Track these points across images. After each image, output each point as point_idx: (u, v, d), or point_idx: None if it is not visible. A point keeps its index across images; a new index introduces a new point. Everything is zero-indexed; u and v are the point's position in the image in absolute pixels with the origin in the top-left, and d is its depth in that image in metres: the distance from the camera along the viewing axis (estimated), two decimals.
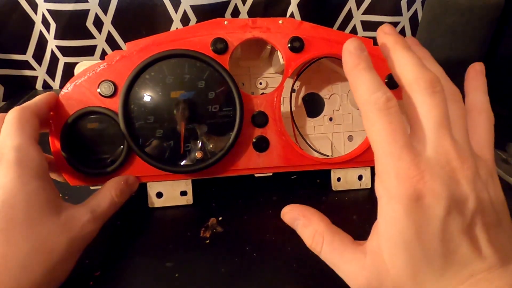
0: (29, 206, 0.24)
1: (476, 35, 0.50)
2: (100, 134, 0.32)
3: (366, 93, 0.22)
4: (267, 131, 0.34)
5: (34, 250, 0.24)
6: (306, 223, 0.26)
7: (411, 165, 0.21)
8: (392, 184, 0.21)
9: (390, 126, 0.21)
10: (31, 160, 0.26)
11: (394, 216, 0.21)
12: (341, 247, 0.24)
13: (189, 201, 0.35)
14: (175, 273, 0.28)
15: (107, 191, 0.30)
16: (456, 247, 0.21)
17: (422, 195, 0.21)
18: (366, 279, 0.23)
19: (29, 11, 0.55)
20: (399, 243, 0.21)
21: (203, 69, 0.32)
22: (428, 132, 0.22)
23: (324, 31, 0.35)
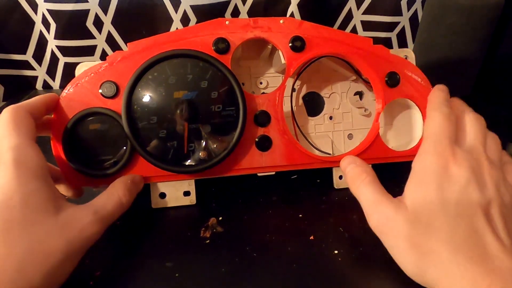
0: (27, 206, 0.24)
1: (476, 35, 0.50)
2: (103, 135, 0.32)
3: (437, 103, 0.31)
4: (269, 130, 0.34)
5: (31, 252, 0.23)
6: (361, 164, 0.31)
7: (447, 147, 0.27)
8: (428, 157, 0.27)
9: (444, 123, 0.28)
10: (29, 160, 0.25)
11: (422, 179, 0.26)
12: (377, 186, 0.28)
13: (192, 201, 0.35)
14: (175, 273, 0.28)
15: (114, 191, 0.30)
16: (471, 215, 0.24)
17: (450, 167, 0.26)
18: (385, 206, 0.27)
19: (29, 11, 0.55)
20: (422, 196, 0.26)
21: (206, 69, 0.32)
22: (468, 137, 0.29)
23: (324, 31, 0.35)
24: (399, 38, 0.63)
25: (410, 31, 0.62)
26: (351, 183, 0.30)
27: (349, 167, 0.31)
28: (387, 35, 0.63)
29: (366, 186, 0.28)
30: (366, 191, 0.28)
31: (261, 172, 0.35)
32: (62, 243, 0.24)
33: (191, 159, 0.33)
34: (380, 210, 0.27)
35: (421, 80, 0.36)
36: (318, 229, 0.32)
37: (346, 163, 0.32)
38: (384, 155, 0.36)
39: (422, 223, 0.25)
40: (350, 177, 0.31)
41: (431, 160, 0.27)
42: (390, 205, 0.26)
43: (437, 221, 0.24)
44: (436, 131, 0.28)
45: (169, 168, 0.32)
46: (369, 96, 0.40)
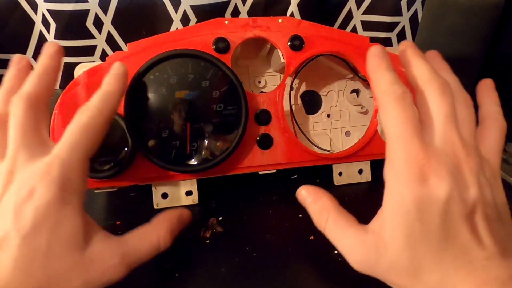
0: (55, 237, 0.22)
1: (476, 35, 0.50)
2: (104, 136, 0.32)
3: (385, 85, 0.24)
4: (270, 129, 0.34)
5: (48, 285, 0.22)
6: (315, 199, 0.27)
7: (419, 149, 0.22)
8: (400, 166, 0.23)
9: (403, 114, 0.23)
10: (74, 183, 0.23)
11: (399, 197, 0.22)
12: (345, 224, 0.25)
13: (194, 201, 0.35)
14: (175, 273, 0.28)
15: (154, 231, 0.26)
16: (456, 232, 0.22)
17: (427, 177, 0.22)
18: (364, 254, 0.24)
19: (29, 11, 0.55)
20: (401, 222, 0.22)
21: (207, 68, 0.32)
22: (436, 125, 0.24)
23: (323, 30, 0.35)
24: (399, 38, 0.63)
25: (410, 31, 0.62)
26: (316, 224, 0.27)
27: (306, 203, 0.28)
28: (387, 35, 0.63)
29: (332, 228, 0.25)
30: (335, 235, 0.25)
31: (262, 170, 0.35)
32: (80, 283, 0.22)
33: (194, 158, 0.33)
34: (361, 260, 0.24)
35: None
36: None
37: (303, 197, 0.28)
38: (382, 151, 0.36)
39: (407, 258, 0.22)
40: (312, 217, 0.27)
41: (405, 177, 0.22)
42: (368, 252, 0.23)
43: (422, 251, 0.22)
44: (397, 129, 0.23)
45: (172, 168, 0.32)
46: (366, 93, 0.41)
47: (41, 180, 0.22)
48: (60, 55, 0.28)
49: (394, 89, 0.24)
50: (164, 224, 0.27)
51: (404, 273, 0.23)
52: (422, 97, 0.25)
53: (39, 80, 0.26)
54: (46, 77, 0.26)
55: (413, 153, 0.22)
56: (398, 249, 0.22)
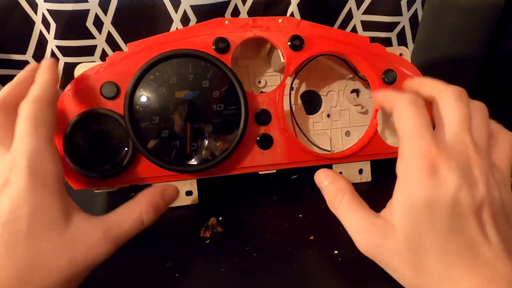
0: (35, 219, 0.23)
1: (476, 35, 0.50)
2: (104, 136, 0.32)
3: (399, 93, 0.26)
4: (270, 129, 0.34)
5: (35, 267, 0.22)
6: (333, 180, 0.28)
7: (431, 144, 0.23)
8: (412, 160, 0.24)
9: (416, 113, 0.25)
10: (44, 169, 0.24)
11: (410, 188, 0.23)
12: (357, 205, 0.26)
13: (194, 201, 0.35)
14: (175, 273, 0.28)
15: (136, 206, 0.26)
16: (463, 225, 0.22)
17: (438, 169, 0.23)
18: (373, 233, 0.24)
19: (29, 11, 0.55)
20: (410, 211, 0.23)
21: (207, 68, 0.32)
22: (450, 126, 0.25)
23: (322, 29, 0.35)
24: (399, 38, 0.63)
25: (410, 31, 0.62)
26: (329, 204, 0.28)
27: (323, 184, 0.28)
28: (387, 35, 0.63)
29: (345, 208, 0.26)
30: (346, 214, 0.26)
31: (262, 170, 0.35)
32: (66, 261, 0.23)
33: (194, 158, 0.33)
34: (367, 239, 0.25)
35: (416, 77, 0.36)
36: (318, 229, 0.32)
37: (320, 179, 0.29)
38: (382, 151, 0.36)
39: (413, 245, 0.23)
40: (326, 197, 0.28)
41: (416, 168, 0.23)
42: (377, 232, 0.24)
43: (429, 240, 0.23)
44: (411, 128, 0.24)
45: (172, 168, 0.32)
46: (366, 93, 0.41)
47: (11, 170, 0.23)
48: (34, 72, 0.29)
49: (407, 95, 0.26)
50: (146, 198, 0.27)
51: (408, 260, 0.23)
52: (440, 103, 0.26)
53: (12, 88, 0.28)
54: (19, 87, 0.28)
55: (425, 147, 0.23)
56: (406, 234, 0.23)
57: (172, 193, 0.29)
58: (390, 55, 0.36)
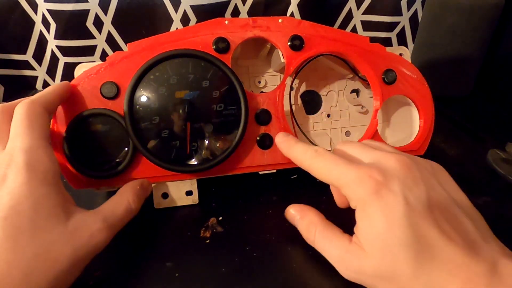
0: (36, 213, 0.23)
1: (476, 35, 0.50)
2: (104, 136, 0.32)
3: (301, 155, 0.29)
4: (270, 129, 0.34)
5: (39, 258, 0.23)
6: (303, 216, 0.29)
7: (357, 170, 0.25)
8: (353, 191, 0.25)
9: (326, 160, 0.27)
10: (41, 164, 0.25)
11: (365, 214, 0.25)
12: (331, 235, 0.27)
13: (194, 201, 0.35)
14: (175, 273, 0.28)
15: (123, 197, 0.29)
16: (425, 231, 0.23)
17: (377, 188, 0.24)
18: (350, 261, 0.25)
19: (29, 11, 0.55)
20: (374, 235, 0.24)
21: (207, 68, 0.32)
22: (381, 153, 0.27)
23: (322, 29, 0.35)
24: (399, 38, 0.63)
25: (410, 31, 0.62)
26: (306, 239, 0.29)
27: (295, 221, 0.30)
28: (387, 35, 0.63)
29: (320, 240, 0.27)
30: (323, 246, 0.27)
31: (262, 170, 0.35)
32: (69, 251, 0.24)
33: (194, 158, 0.33)
34: (347, 266, 0.25)
35: (416, 77, 0.36)
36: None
37: (291, 216, 0.30)
38: None
39: (387, 265, 0.23)
40: (302, 233, 0.29)
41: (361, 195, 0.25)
42: (352, 259, 0.25)
43: (401, 258, 0.23)
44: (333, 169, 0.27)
45: (172, 167, 0.32)
46: (366, 93, 0.41)
47: (8, 167, 0.24)
48: None
49: (309, 153, 0.29)
50: (130, 190, 0.30)
51: (389, 280, 0.23)
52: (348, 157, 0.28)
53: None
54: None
55: (354, 176, 0.25)
56: (378, 258, 0.24)
57: (146, 185, 0.32)
58: (390, 55, 0.36)
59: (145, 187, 0.32)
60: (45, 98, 0.28)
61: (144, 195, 0.31)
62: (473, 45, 0.51)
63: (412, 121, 0.38)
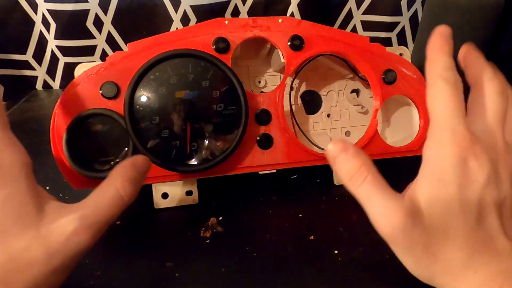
0: (4, 214, 0.21)
1: (476, 35, 0.50)
2: (104, 136, 0.32)
3: (441, 69, 0.24)
4: (270, 129, 0.34)
5: (13, 263, 0.21)
6: (355, 154, 0.24)
7: (466, 133, 0.23)
8: (447, 142, 0.23)
9: (456, 97, 0.23)
10: (6, 159, 0.22)
11: (441, 173, 0.23)
12: (384, 185, 0.24)
13: (195, 201, 0.35)
14: (175, 273, 0.28)
15: (109, 184, 0.24)
16: (487, 216, 0.23)
17: (469, 159, 0.22)
18: (401, 216, 0.22)
19: (29, 11, 0.55)
20: (440, 198, 0.23)
21: (207, 68, 0.32)
22: (485, 119, 0.24)
23: (322, 29, 0.35)
24: (399, 38, 0.63)
25: (410, 31, 0.62)
26: (348, 181, 0.24)
27: (339, 158, 0.24)
28: (387, 35, 0.63)
29: (370, 187, 0.23)
30: (371, 194, 0.23)
31: (262, 170, 0.35)
32: (43, 256, 0.21)
33: (194, 158, 0.33)
34: (394, 221, 0.22)
35: (416, 77, 0.36)
36: (318, 229, 0.32)
37: (335, 151, 0.24)
38: (383, 151, 0.36)
39: (439, 230, 0.22)
40: (345, 174, 0.24)
41: (449, 153, 0.23)
42: (405, 214, 0.22)
43: (455, 227, 0.23)
44: (448, 111, 0.23)
45: (172, 167, 0.32)
46: (366, 93, 0.41)
47: None
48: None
49: (449, 75, 0.24)
50: (118, 173, 0.25)
51: (430, 246, 0.23)
52: (480, 92, 0.25)
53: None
54: None
55: (460, 133, 0.23)
56: (433, 220, 0.23)
57: (141, 161, 0.26)
58: (390, 55, 0.36)
59: (140, 166, 0.26)
60: None
61: (139, 176, 0.25)
62: None
63: (412, 121, 0.38)
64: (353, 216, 0.34)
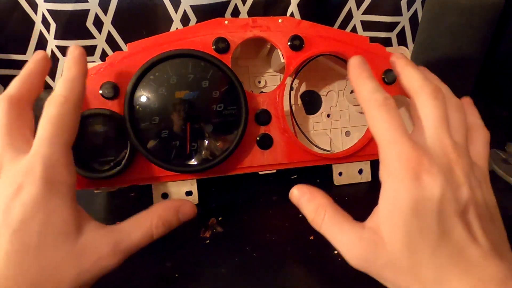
0: (46, 230, 0.22)
1: (476, 35, 0.50)
2: (103, 136, 0.32)
3: (368, 94, 0.25)
4: (270, 129, 0.34)
5: (44, 277, 0.22)
6: (311, 198, 0.26)
7: (411, 149, 0.23)
8: (394, 166, 0.23)
9: (390, 118, 0.24)
10: (59, 176, 0.23)
11: (395, 195, 0.23)
12: (341, 220, 0.25)
13: (194, 201, 0.35)
14: (175, 273, 0.28)
15: (147, 219, 0.26)
16: (451, 228, 0.22)
17: (421, 176, 0.22)
18: (363, 249, 0.23)
19: (29, 11, 0.55)
20: (399, 220, 0.22)
21: (207, 68, 0.32)
22: (428, 128, 0.24)
23: (322, 29, 0.35)
24: (399, 38, 0.63)
25: (410, 31, 0.62)
26: (312, 222, 0.26)
27: (300, 202, 0.27)
28: (387, 35, 0.63)
29: (329, 225, 0.25)
30: (332, 231, 0.25)
31: (262, 170, 0.35)
32: (74, 273, 0.23)
33: (194, 158, 0.33)
34: (358, 254, 0.24)
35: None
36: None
37: (296, 197, 0.27)
38: None
39: (403, 254, 0.22)
40: (308, 216, 0.26)
41: (400, 177, 0.23)
42: (367, 246, 0.23)
43: (419, 249, 0.22)
44: (387, 133, 0.24)
45: (172, 168, 0.32)
46: None
47: (26, 176, 0.22)
48: (45, 62, 0.28)
49: (376, 97, 0.24)
50: (160, 212, 0.26)
51: (401, 270, 0.23)
52: (415, 102, 0.26)
53: (22, 83, 0.27)
54: (29, 81, 0.27)
55: (405, 153, 0.23)
56: (397, 245, 0.23)
57: (188, 210, 0.28)
58: (390, 55, 0.36)
59: (183, 213, 0.28)
60: (78, 91, 0.25)
61: (177, 222, 0.27)
62: (473, 45, 0.51)
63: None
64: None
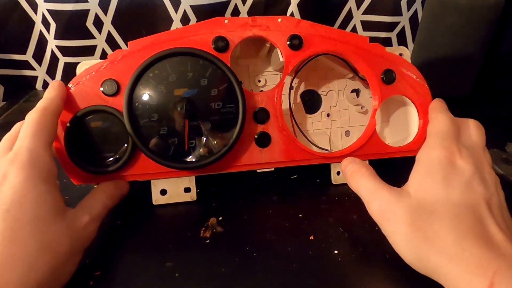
0: (38, 207, 0.25)
1: (476, 35, 0.50)
2: (104, 132, 0.32)
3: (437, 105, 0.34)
4: (268, 127, 0.34)
5: (40, 250, 0.24)
6: (359, 161, 0.32)
7: (453, 142, 0.28)
8: (435, 149, 0.28)
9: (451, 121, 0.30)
10: (43, 164, 0.26)
11: (430, 165, 0.27)
12: (377, 178, 0.29)
13: (193, 198, 0.35)
14: (175, 273, 0.28)
15: (100, 194, 0.31)
16: (475, 205, 0.25)
17: (456, 159, 0.27)
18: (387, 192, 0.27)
19: (29, 11, 0.55)
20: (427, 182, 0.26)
21: (206, 67, 0.32)
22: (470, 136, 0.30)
23: (322, 29, 0.35)
24: (399, 38, 0.63)
25: (410, 31, 0.62)
26: (351, 178, 0.30)
27: (349, 166, 0.31)
28: (387, 35, 0.63)
29: (365, 178, 0.29)
30: (365, 182, 0.29)
31: (260, 168, 0.35)
32: (67, 242, 0.26)
33: (192, 155, 0.33)
34: (381, 196, 0.27)
35: (416, 77, 0.36)
36: (318, 229, 0.32)
37: (346, 163, 0.32)
38: (381, 151, 0.36)
39: (426, 210, 0.25)
40: (349, 173, 0.31)
41: (438, 153, 0.27)
42: (391, 191, 0.27)
43: (442, 208, 0.25)
44: (443, 129, 0.29)
45: (170, 164, 0.32)
46: (366, 93, 0.41)
47: (11, 165, 0.25)
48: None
49: (448, 113, 0.31)
50: (104, 189, 0.32)
51: (418, 224, 0.24)
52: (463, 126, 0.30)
53: None
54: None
55: (448, 144, 0.28)
56: (420, 198, 0.25)
57: (122, 185, 0.33)
58: (389, 55, 0.36)
59: (119, 187, 0.33)
60: (55, 105, 0.29)
61: (119, 194, 0.33)
62: (473, 45, 0.51)
63: (411, 121, 0.38)
64: (353, 216, 0.34)
